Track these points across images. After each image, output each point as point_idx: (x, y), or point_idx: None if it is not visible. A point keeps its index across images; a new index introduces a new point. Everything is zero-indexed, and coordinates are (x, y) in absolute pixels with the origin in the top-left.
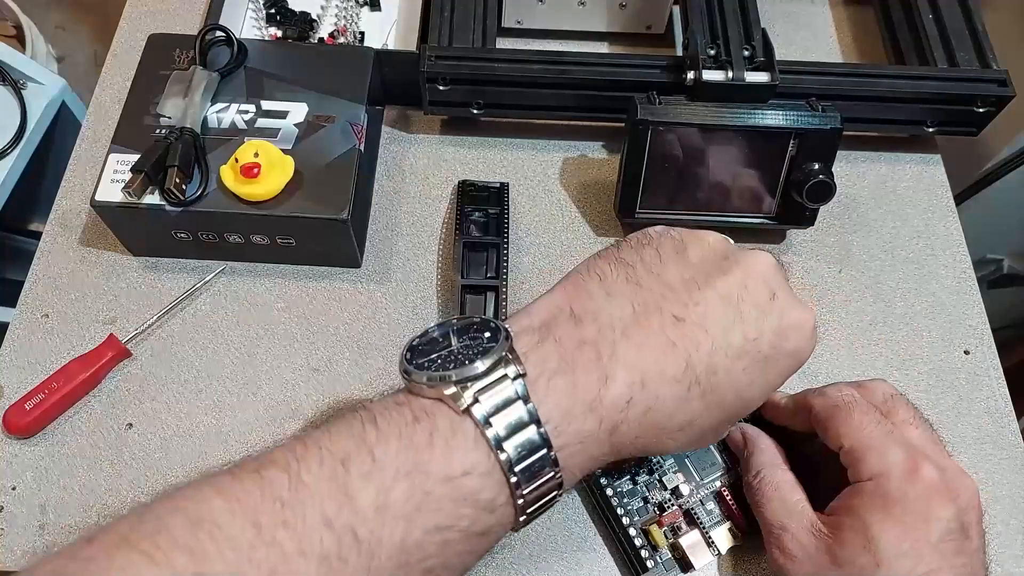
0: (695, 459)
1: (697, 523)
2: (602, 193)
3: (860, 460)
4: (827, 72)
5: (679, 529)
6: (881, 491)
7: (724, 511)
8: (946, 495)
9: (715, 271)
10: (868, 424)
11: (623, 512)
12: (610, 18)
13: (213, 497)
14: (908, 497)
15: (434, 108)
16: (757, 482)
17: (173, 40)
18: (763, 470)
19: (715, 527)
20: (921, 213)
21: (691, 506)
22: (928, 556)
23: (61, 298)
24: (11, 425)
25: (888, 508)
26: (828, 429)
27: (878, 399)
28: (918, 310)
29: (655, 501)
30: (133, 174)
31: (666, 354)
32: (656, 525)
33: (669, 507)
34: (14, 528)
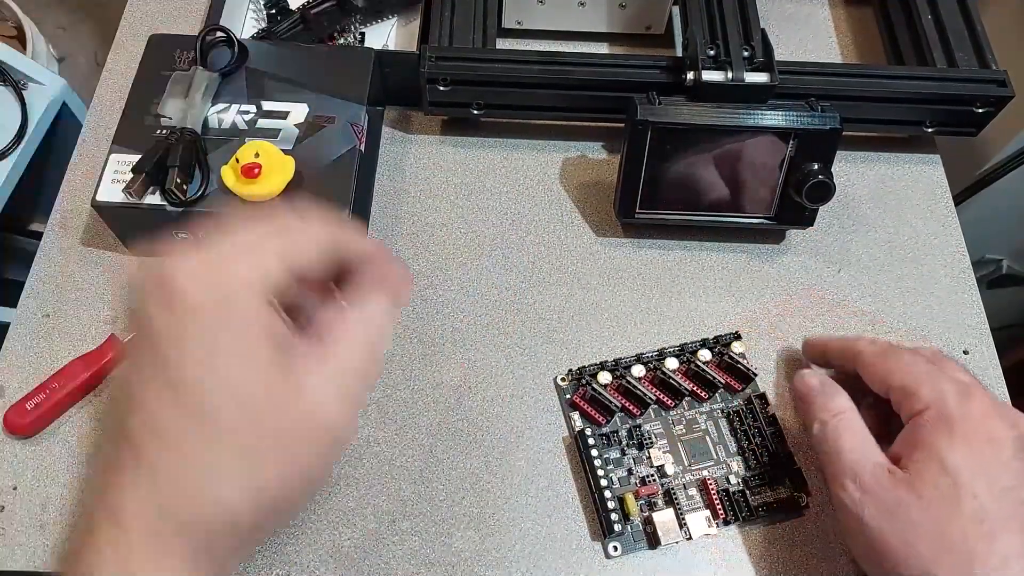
0: (689, 445)
1: (675, 504)
2: (602, 193)
3: (913, 393)
4: (826, 72)
5: (655, 504)
6: (943, 416)
7: (705, 500)
8: (1005, 419)
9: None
10: (918, 362)
11: (603, 474)
12: (610, 18)
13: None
14: (969, 418)
15: (434, 109)
16: (836, 421)
17: (174, 41)
18: (843, 412)
19: (692, 512)
20: (920, 213)
21: (673, 487)
22: (1002, 474)
23: (62, 298)
24: (12, 425)
25: (952, 431)
26: (877, 369)
27: (927, 352)
28: (917, 310)
29: (639, 475)
30: (134, 174)
31: None
32: (633, 495)
33: (650, 482)
34: (15, 528)
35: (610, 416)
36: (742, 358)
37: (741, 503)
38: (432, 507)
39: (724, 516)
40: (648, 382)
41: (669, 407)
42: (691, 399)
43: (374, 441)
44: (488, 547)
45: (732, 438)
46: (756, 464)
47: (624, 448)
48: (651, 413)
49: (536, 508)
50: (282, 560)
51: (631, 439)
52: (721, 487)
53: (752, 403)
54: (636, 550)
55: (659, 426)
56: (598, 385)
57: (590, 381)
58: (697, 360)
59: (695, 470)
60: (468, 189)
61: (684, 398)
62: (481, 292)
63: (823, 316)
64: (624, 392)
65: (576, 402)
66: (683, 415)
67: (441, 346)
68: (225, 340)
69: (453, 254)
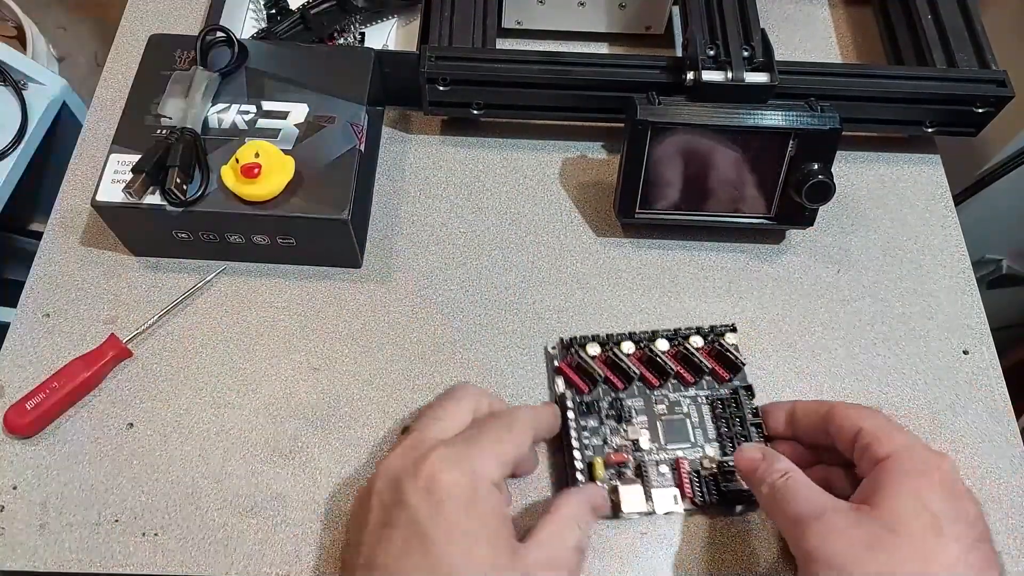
0: (668, 425)
1: (644, 477)
2: (602, 193)
3: (883, 436)
4: (826, 72)
5: (624, 475)
6: (919, 460)
7: (676, 478)
8: (960, 483)
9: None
10: (879, 415)
11: (576, 436)
12: (610, 18)
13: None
14: (943, 468)
15: (434, 108)
16: (783, 480)
17: (174, 40)
18: (789, 472)
19: (660, 488)
20: (920, 213)
21: (645, 462)
22: (976, 526)
23: (62, 298)
24: (12, 425)
25: (930, 475)
26: (850, 414)
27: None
28: (917, 310)
29: (613, 445)
30: (134, 174)
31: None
32: (603, 461)
33: (623, 451)
34: (15, 528)
35: (593, 385)
36: (734, 349)
37: (711, 487)
38: None
39: (692, 497)
40: (636, 359)
41: (654, 386)
42: (677, 381)
43: (374, 442)
44: None
45: (712, 424)
46: (733, 452)
47: (603, 418)
48: (635, 389)
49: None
50: (282, 560)
51: (611, 410)
52: (694, 468)
53: (737, 393)
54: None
55: (641, 402)
56: (585, 354)
57: (578, 350)
58: (688, 345)
59: (670, 449)
60: (468, 189)
61: (670, 379)
62: (481, 292)
63: (822, 317)
64: (611, 365)
65: (562, 368)
66: (667, 395)
67: (441, 346)
68: (473, 524)
69: (453, 254)
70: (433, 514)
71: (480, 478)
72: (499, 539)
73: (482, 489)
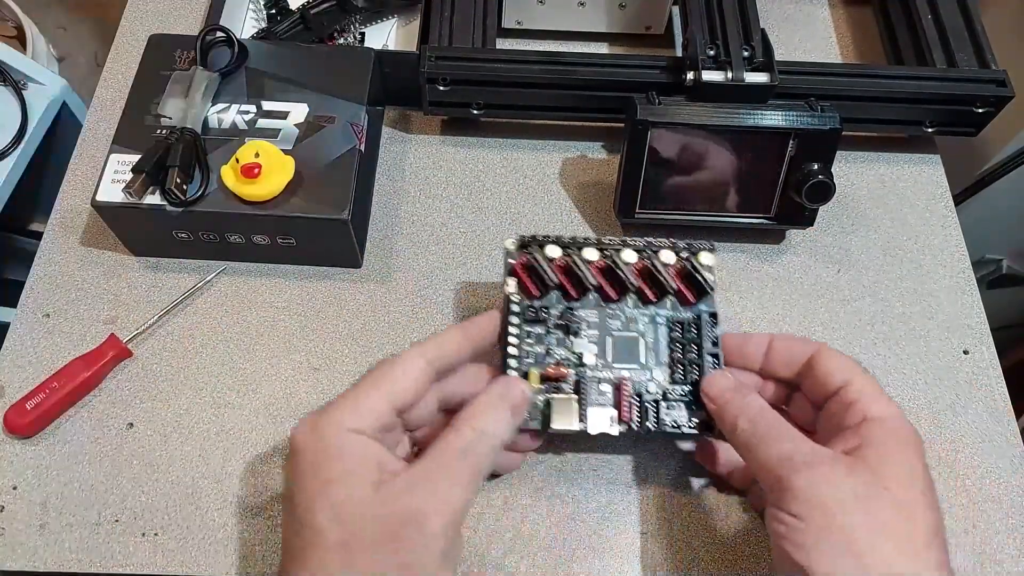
0: (619, 343)
1: (581, 394)
2: (602, 193)
3: (874, 396)
4: (826, 72)
5: (560, 389)
6: (908, 431)
7: (615, 400)
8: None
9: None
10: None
11: (516, 343)
12: (610, 18)
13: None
14: (921, 446)
15: (434, 108)
16: (764, 417)
17: (174, 40)
18: (767, 408)
19: (596, 407)
20: (920, 213)
21: (586, 379)
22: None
23: (62, 298)
24: (12, 425)
25: (917, 446)
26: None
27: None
28: (917, 310)
29: (556, 357)
30: (134, 174)
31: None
32: (540, 374)
33: (564, 366)
34: (15, 527)
35: (545, 291)
36: (706, 270)
37: (651, 413)
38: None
39: (629, 420)
40: (597, 269)
41: (611, 299)
42: (637, 298)
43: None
44: None
45: (667, 348)
46: (683, 380)
47: (550, 328)
48: (591, 300)
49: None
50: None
51: (561, 320)
52: (637, 391)
53: (701, 319)
54: (528, 427)
55: (595, 315)
56: (542, 256)
57: (536, 250)
58: (657, 260)
59: (617, 368)
60: (468, 189)
61: (630, 294)
62: (481, 292)
63: (822, 317)
64: (568, 272)
65: (515, 268)
66: (624, 311)
67: None
68: (326, 472)
69: (453, 254)
70: (291, 477)
71: (336, 430)
72: (356, 479)
73: (337, 438)
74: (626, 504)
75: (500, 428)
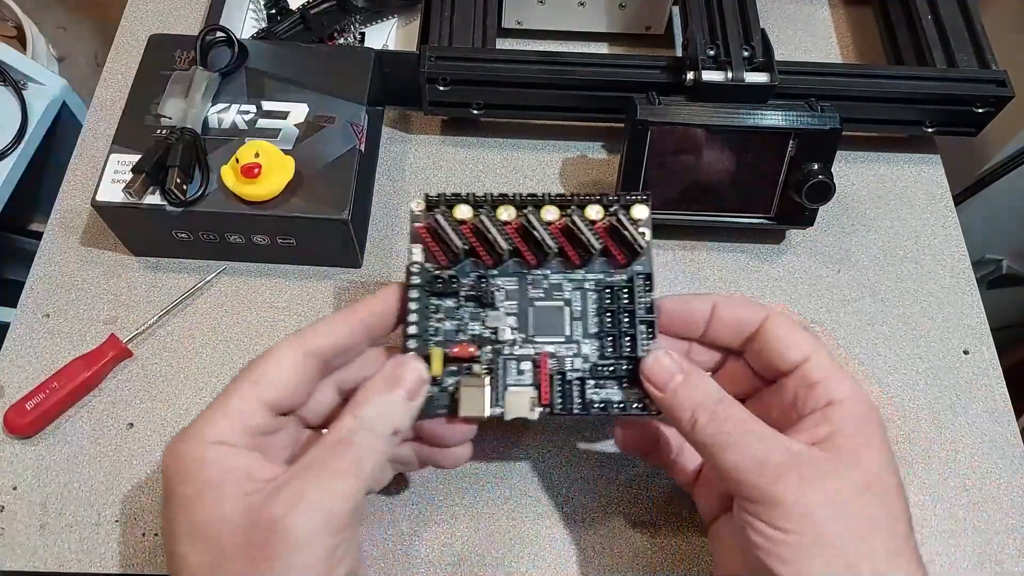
0: (541, 315)
1: (495, 374)
2: None
3: (834, 376)
4: (826, 72)
5: (469, 369)
6: (870, 413)
7: (535, 379)
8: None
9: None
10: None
11: (415, 319)
12: (610, 18)
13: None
14: (881, 421)
15: (434, 108)
16: (722, 408)
17: (174, 40)
18: (725, 397)
19: (514, 388)
20: (920, 213)
21: (503, 356)
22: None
23: (62, 298)
24: (12, 425)
25: (884, 433)
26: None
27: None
28: (917, 310)
29: (469, 333)
30: (134, 174)
31: None
32: (445, 352)
33: (478, 343)
34: (14, 528)
35: (455, 258)
36: (634, 225)
37: (575, 394)
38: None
39: (550, 403)
40: (514, 229)
41: (531, 264)
42: (562, 261)
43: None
44: None
45: (596, 318)
46: (613, 353)
47: (462, 300)
48: (510, 267)
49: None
50: None
51: (474, 291)
52: (559, 369)
53: (633, 282)
54: (434, 415)
55: (514, 283)
56: (450, 218)
57: (443, 212)
58: (580, 216)
59: (538, 342)
60: (468, 189)
61: (553, 257)
62: None
63: (822, 317)
64: (481, 236)
65: (420, 232)
66: (547, 278)
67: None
68: (184, 492)
69: None
70: (163, 502)
71: (194, 444)
72: (219, 494)
73: (196, 453)
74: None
75: (387, 414)
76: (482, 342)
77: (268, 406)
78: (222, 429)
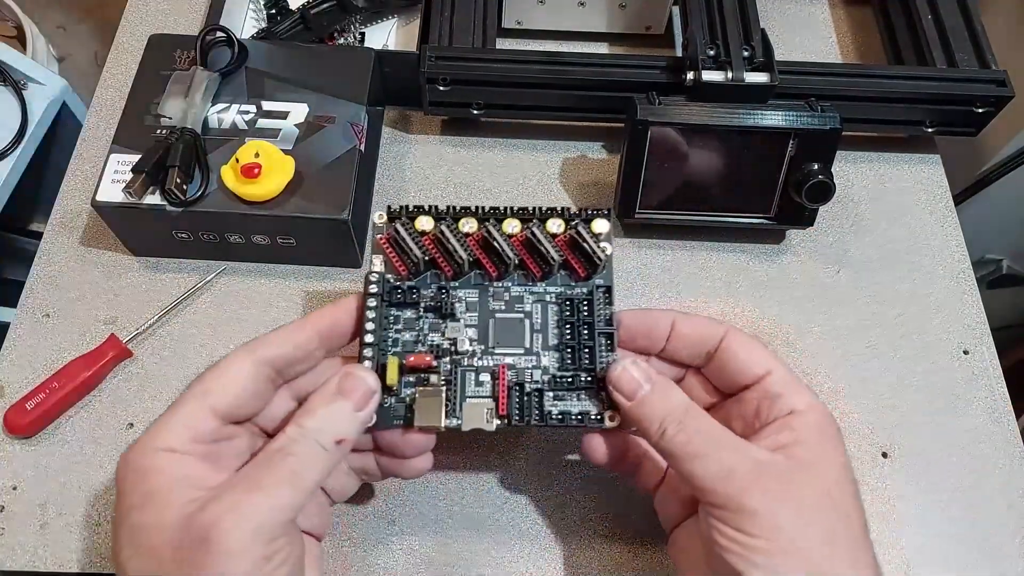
0: (502, 327)
1: (452, 385)
2: (602, 193)
3: (794, 387)
4: (826, 72)
5: (427, 380)
6: (828, 423)
7: (493, 391)
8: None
9: None
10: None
11: (372, 328)
12: (610, 18)
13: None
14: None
15: (434, 109)
16: (691, 418)
17: (174, 40)
18: (692, 406)
19: (472, 399)
20: (920, 213)
21: (462, 367)
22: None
23: (62, 298)
24: (12, 425)
25: (841, 440)
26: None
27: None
28: (917, 310)
29: (428, 345)
30: (134, 174)
31: None
32: (401, 361)
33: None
34: (14, 528)
35: (416, 269)
36: (594, 239)
37: (533, 405)
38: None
39: (507, 414)
40: (475, 241)
41: (493, 276)
42: (523, 273)
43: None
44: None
45: (557, 330)
46: (572, 365)
47: (422, 311)
48: (471, 279)
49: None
50: None
51: (434, 302)
52: (518, 380)
53: (593, 295)
54: (391, 426)
55: (475, 295)
56: (412, 229)
57: (406, 224)
58: (540, 230)
59: (498, 354)
60: (468, 189)
61: (514, 270)
62: None
63: (821, 317)
64: (442, 247)
65: (381, 243)
66: (508, 290)
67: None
68: (128, 500)
69: None
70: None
71: (142, 452)
72: (160, 502)
73: (143, 461)
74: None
75: (331, 424)
76: (441, 353)
77: (218, 414)
78: (171, 437)
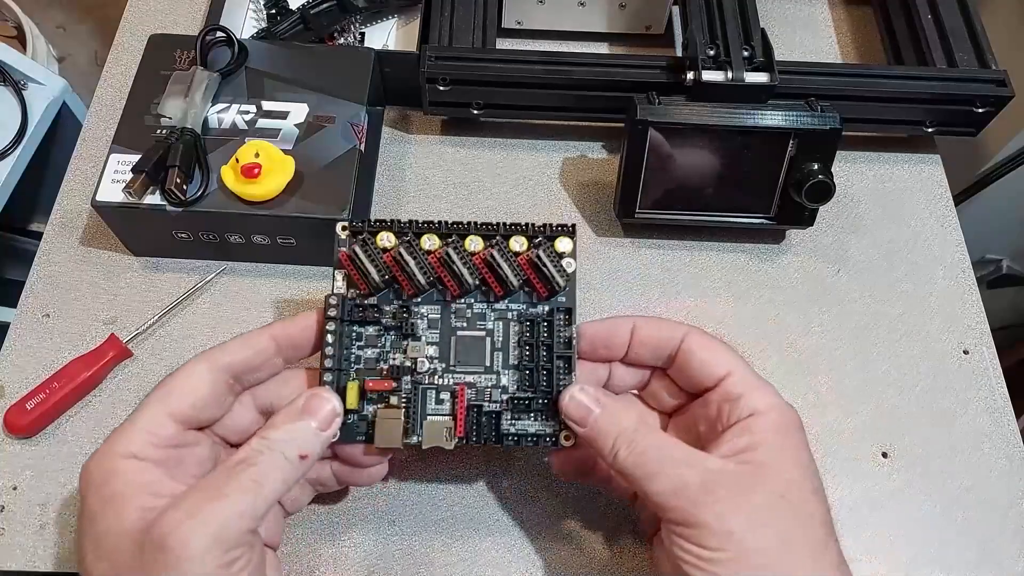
0: (463, 345)
1: (412, 404)
2: (602, 193)
3: (754, 388)
4: (826, 72)
5: (387, 400)
6: (789, 421)
7: (453, 409)
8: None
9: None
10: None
11: (331, 352)
12: (610, 18)
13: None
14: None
15: (434, 108)
16: (641, 436)
17: (174, 40)
18: (641, 425)
19: (432, 418)
20: (920, 213)
21: (422, 386)
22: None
23: (62, 298)
24: (12, 425)
25: (802, 437)
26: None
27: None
28: (917, 310)
29: (390, 363)
30: (134, 174)
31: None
32: (360, 384)
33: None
34: (14, 528)
35: (376, 287)
36: (557, 259)
37: (491, 426)
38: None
39: (466, 433)
40: (436, 259)
41: (455, 295)
42: (485, 292)
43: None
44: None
45: (517, 349)
46: (531, 387)
47: (384, 329)
48: (433, 295)
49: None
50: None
51: (395, 321)
52: (476, 401)
53: (553, 316)
54: (353, 441)
55: (437, 312)
56: (372, 249)
57: (367, 240)
58: (500, 249)
59: (458, 373)
60: (468, 189)
61: (475, 288)
62: None
63: (822, 317)
64: (403, 270)
65: (342, 259)
66: (471, 307)
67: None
68: (91, 505)
69: None
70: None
71: (103, 458)
72: (120, 507)
73: (105, 466)
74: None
75: (296, 440)
76: (402, 371)
77: (177, 419)
78: (131, 442)
